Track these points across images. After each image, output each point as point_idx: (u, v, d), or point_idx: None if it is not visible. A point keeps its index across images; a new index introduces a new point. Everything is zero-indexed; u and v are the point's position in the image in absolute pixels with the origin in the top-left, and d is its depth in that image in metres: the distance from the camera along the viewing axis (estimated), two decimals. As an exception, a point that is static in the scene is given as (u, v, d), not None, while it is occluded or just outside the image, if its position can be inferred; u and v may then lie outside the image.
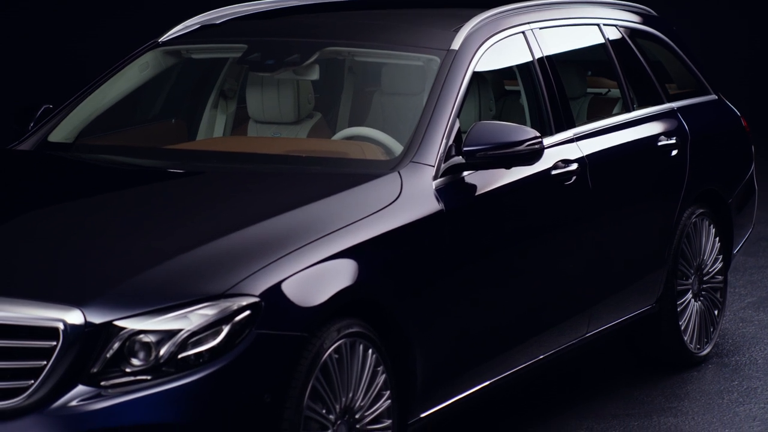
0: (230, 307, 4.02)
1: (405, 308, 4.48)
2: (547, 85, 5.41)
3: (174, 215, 4.45)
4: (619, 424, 5.42)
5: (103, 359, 3.95)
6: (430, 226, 4.66)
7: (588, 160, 5.47)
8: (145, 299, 3.99)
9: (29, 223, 4.45)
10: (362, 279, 4.31)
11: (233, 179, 4.78)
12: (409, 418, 4.56)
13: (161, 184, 4.85)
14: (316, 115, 5.43)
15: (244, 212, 4.41)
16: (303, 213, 4.40)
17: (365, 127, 5.17)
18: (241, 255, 4.15)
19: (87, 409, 3.91)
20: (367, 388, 4.35)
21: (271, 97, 5.33)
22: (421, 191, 4.69)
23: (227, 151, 5.06)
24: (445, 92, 4.94)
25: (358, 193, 4.58)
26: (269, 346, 4.06)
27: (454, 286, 4.72)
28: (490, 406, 5.58)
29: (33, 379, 3.92)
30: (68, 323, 3.93)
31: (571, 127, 5.49)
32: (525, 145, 4.83)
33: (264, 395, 4.03)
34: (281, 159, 4.94)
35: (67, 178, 4.92)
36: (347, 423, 4.30)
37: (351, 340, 4.28)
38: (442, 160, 4.79)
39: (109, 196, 4.68)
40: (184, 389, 3.94)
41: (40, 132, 5.23)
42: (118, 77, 5.46)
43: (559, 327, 5.33)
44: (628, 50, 6.09)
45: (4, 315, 3.95)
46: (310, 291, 4.17)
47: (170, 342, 3.97)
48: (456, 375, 4.79)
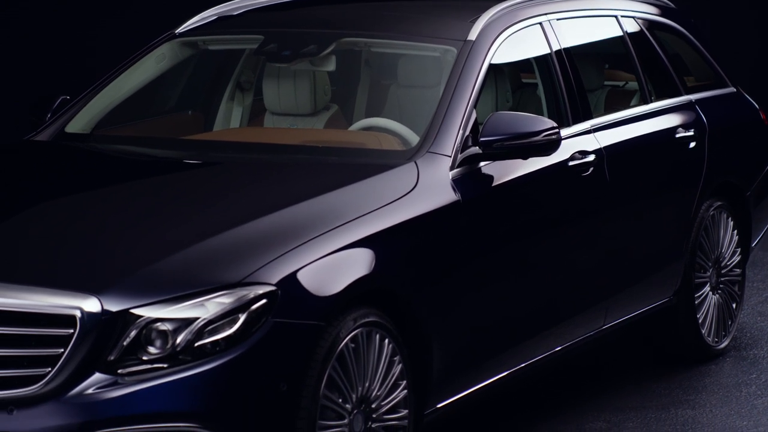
0: (247, 296, 4.04)
1: (421, 298, 4.50)
2: (564, 76, 5.42)
3: (190, 205, 4.48)
4: (637, 416, 5.43)
5: (120, 347, 3.98)
6: (447, 216, 4.68)
7: (605, 151, 5.48)
8: (161, 287, 4.02)
9: (47, 212, 4.49)
10: (378, 268, 4.33)
11: (250, 169, 4.80)
12: (425, 408, 4.58)
13: (178, 174, 4.88)
14: (332, 107, 5.45)
15: (260, 201, 4.44)
16: (319, 202, 4.42)
17: (382, 117, 5.19)
18: (257, 244, 4.17)
19: (104, 396, 3.94)
20: (383, 377, 4.37)
21: (287, 88, 5.35)
22: (438, 181, 4.71)
23: (243, 142, 5.08)
24: (461, 83, 4.96)
25: (375, 183, 4.60)
26: (286, 335, 4.08)
27: (471, 276, 4.73)
28: (506, 397, 5.60)
29: (50, 367, 3.95)
30: (85, 311, 3.96)
31: (588, 119, 5.50)
32: (542, 136, 4.85)
33: (280, 384, 4.05)
34: (298, 149, 4.96)
35: (84, 168, 4.95)
36: (363, 412, 4.32)
37: (367, 329, 4.30)
38: (459, 150, 4.81)
39: (126, 187, 4.71)
40: (200, 377, 3.97)
41: (57, 123, 5.26)
42: (134, 68, 5.49)
43: (576, 319, 5.34)
44: (645, 42, 6.09)
45: (21, 303, 3.98)
46: (327, 280, 4.19)
47: (187, 330, 3.99)
48: (472, 366, 4.80)
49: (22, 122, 7.19)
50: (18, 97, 7.76)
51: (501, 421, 5.40)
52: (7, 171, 4.92)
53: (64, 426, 3.92)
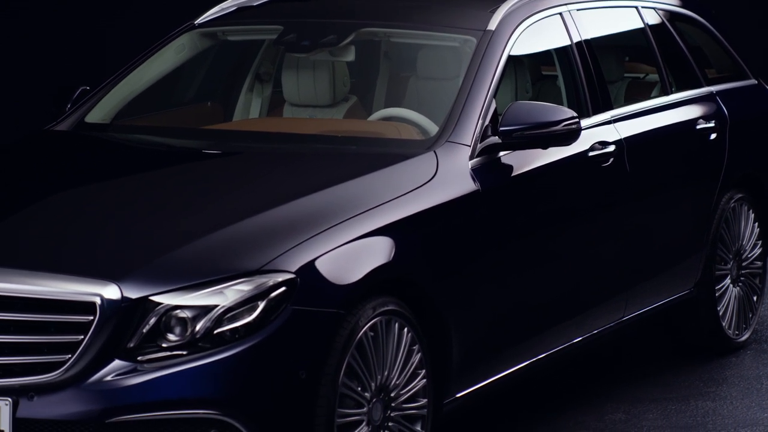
0: (266, 283, 4.06)
1: (440, 287, 4.51)
2: (584, 66, 5.43)
3: (210, 193, 4.50)
4: (657, 407, 5.43)
5: (139, 334, 4.00)
6: (466, 205, 4.69)
7: (626, 142, 5.48)
8: (181, 275, 4.04)
9: (67, 201, 4.52)
10: (398, 257, 4.35)
11: (269, 159, 4.82)
12: (444, 397, 4.59)
13: (197, 163, 4.90)
14: (351, 98, 5.46)
15: (280, 190, 4.45)
16: (338, 191, 4.44)
17: (401, 108, 5.20)
18: (276, 232, 4.19)
19: (123, 383, 3.97)
20: (402, 366, 4.38)
21: (306, 79, 5.36)
22: (457, 171, 4.72)
23: (262, 131, 5.10)
24: (481, 73, 4.97)
25: (394, 172, 4.61)
26: (305, 323, 4.09)
27: (490, 266, 4.74)
28: (526, 388, 5.61)
29: (70, 354, 3.98)
30: (105, 298, 3.99)
31: (608, 109, 5.50)
32: (562, 125, 4.85)
33: (299, 371, 4.07)
34: (317, 139, 4.98)
35: (104, 157, 4.98)
36: (383, 401, 4.34)
37: (386, 318, 4.32)
38: (478, 140, 4.82)
39: (145, 176, 4.74)
40: (219, 365, 3.99)
41: (78, 113, 5.29)
42: (154, 59, 5.51)
43: (596, 310, 5.35)
44: (666, 33, 6.09)
45: (42, 290, 4.00)
46: (346, 268, 4.20)
47: (206, 317, 4.01)
48: (492, 355, 4.81)
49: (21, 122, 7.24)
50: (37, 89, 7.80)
51: (520, 412, 5.41)
52: (28, 160, 4.95)
53: (84, 412, 3.94)
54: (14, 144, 5.19)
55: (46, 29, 9.28)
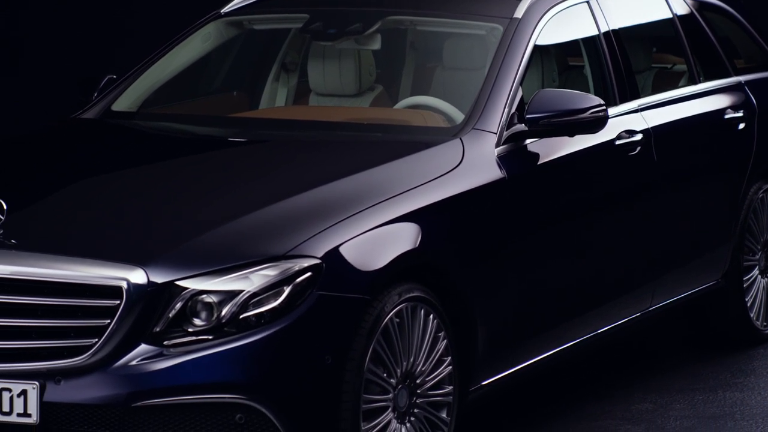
0: (291, 268, 4.09)
1: (466, 274, 4.53)
2: (612, 55, 5.44)
3: (235, 180, 4.53)
4: (684, 398, 5.44)
5: (165, 319, 4.04)
6: (492, 193, 4.71)
7: (653, 131, 5.49)
8: (206, 259, 4.07)
9: (93, 187, 4.56)
10: (423, 244, 4.37)
11: (294, 146, 4.85)
12: (470, 385, 4.61)
13: (223, 150, 4.94)
14: (377, 88, 5.48)
15: (305, 176, 4.48)
16: (365, 177, 4.46)
17: (427, 96, 5.22)
18: (302, 217, 4.22)
19: (149, 368, 4.00)
20: (428, 353, 4.40)
21: (332, 68, 5.39)
22: (483, 158, 4.74)
23: (288, 119, 5.13)
24: (507, 60, 4.98)
25: (420, 158, 4.63)
26: (330, 308, 4.12)
27: (516, 254, 4.76)
28: (552, 377, 5.62)
29: (96, 338, 4.02)
30: (131, 282, 4.02)
31: (635, 98, 5.51)
32: (589, 113, 4.86)
33: (325, 357, 4.10)
34: (343, 126, 5.01)
35: (131, 144, 5.02)
36: (408, 388, 4.36)
37: (412, 304, 4.34)
38: (505, 127, 4.83)
39: (171, 163, 4.77)
40: (245, 349, 4.02)
41: (104, 101, 5.33)
42: (180, 48, 5.55)
43: (622, 299, 5.36)
44: (694, 23, 6.09)
45: (69, 274, 4.04)
46: (372, 254, 4.23)
47: (232, 302, 4.04)
48: (517, 344, 4.83)
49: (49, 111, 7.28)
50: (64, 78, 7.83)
51: (546, 401, 5.42)
52: (56, 147, 4.99)
53: (110, 396, 3.99)
54: (42, 131, 5.24)
55: (73, 18, 9.32)
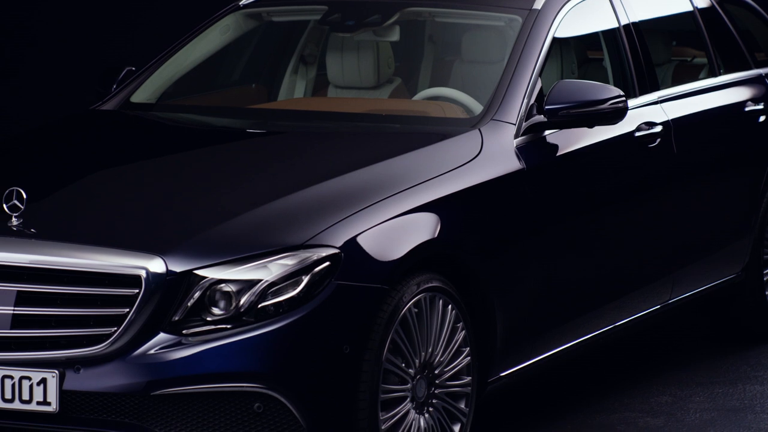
0: (310, 258, 4.11)
1: (485, 265, 4.55)
2: (631, 46, 5.44)
3: (254, 170, 4.56)
4: (704, 391, 5.44)
5: (184, 308, 4.07)
6: (511, 184, 4.72)
7: (673, 123, 5.49)
8: (225, 249, 4.10)
9: (112, 177, 4.59)
10: (442, 234, 4.39)
11: (313, 137, 4.88)
12: (488, 376, 4.63)
13: (241, 142, 4.96)
14: (395, 80, 5.50)
15: (324, 167, 4.51)
16: (383, 167, 4.48)
17: (446, 87, 5.24)
18: (321, 207, 4.24)
19: (168, 356, 4.03)
20: (446, 343, 4.42)
21: (351, 60, 5.41)
22: (502, 149, 4.75)
23: (306, 110, 5.15)
24: (527, 51, 5.00)
25: (439, 149, 4.65)
26: (349, 297, 4.14)
27: (535, 245, 4.77)
28: (570, 369, 5.63)
29: (116, 327, 4.05)
30: (150, 271, 4.05)
31: (655, 90, 5.51)
32: (608, 104, 4.87)
33: (343, 346, 4.12)
34: (361, 117, 5.03)
35: (149, 135, 5.05)
36: (426, 378, 4.38)
37: (430, 294, 4.36)
38: (524, 118, 4.85)
39: (189, 153, 4.80)
40: (264, 338, 4.04)
41: (123, 93, 5.36)
42: (199, 40, 5.57)
43: (641, 292, 5.37)
44: (715, 15, 6.09)
45: (88, 263, 4.08)
46: (390, 243, 4.25)
47: (250, 291, 4.07)
48: (536, 335, 4.84)
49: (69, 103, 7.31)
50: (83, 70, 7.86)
51: (566, 394, 5.43)
52: (74, 137, 5.03)
53: (129, 385, 4.02)
54: (60, 122, 5.28)
55: (92, 10, 9.36)
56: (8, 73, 9.02)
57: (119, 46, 9.00)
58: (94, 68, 5.63)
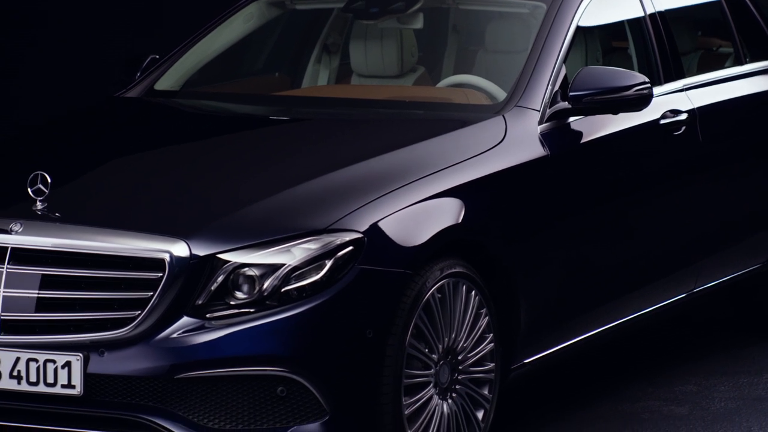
0: (333, 242, 4.14)
1: (509, 251, 4.57)
2: (657, 34, 5.46)
3: (277, 155, 4.59)
4: (728, 380, 5.45)
5: (207, 291, 4.10)
6: (535, 170, 4.74)
7: (698, 111, 5.50)
8: (248, 233, 4.13)
9: (136, 162, 4.63)
10: (466, 219, 4.41)
11: (337, 123, 4.91)
12: (512, 362, 4.65)
13: (265, 128, 5.00)
14: (419, 69, 5.53)
15: (348, 152, 4.54)
16: (407, 153, 4.51)
17: (469, 75, 5.26)
18: (344, 191, 4.27)
19: (192, 340, 4.07)
20: (469, 329, 4.44)
21: (374, 48, 5.44)
22: (526, 135, 4.77)
23: (330, 97, 5.18)
24: (551, 37, 5.02)
25: (462, 135, 4.68)
26: (372, 282, 4.17)
27: (558, 232, 4.79)
28: (594, 359, 5.65)
29: (140, 310, 4.08)
30: (174, 255, 4.09)
31: (680, 78, 5.52)
32: (633, 91, 4.89)
33: (366, 331, 4.15)
34: (385, 104, 5.05)
35: (173, 121, 5.10)
36: (450, 364, 4.40)
37: (454, 280, 4.38)
38: (548, 105, 4.87)
39: (213, 139, 4.84)
40: (287, 322, 4.07)
41: (147, 81, 5.40)
42: (222, 28, 5.61)
43: (666, 280, 5.38)
44: (740, 3, 6.09)
45: (112, 246, 4.11)
46: (414, 228, 4.27)
47: (273, 276, 4.10)
48: (560, 323, 4.86)
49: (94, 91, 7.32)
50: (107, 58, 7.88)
51: (589, 382, 5.45)
52: (98, 124, 5.07)
53: (153, 368, 4.05)
54: (85, 109, 5.32)
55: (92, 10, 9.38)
56: (8, 73, 9.05)
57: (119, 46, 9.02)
58: (94, 68, 5.66)
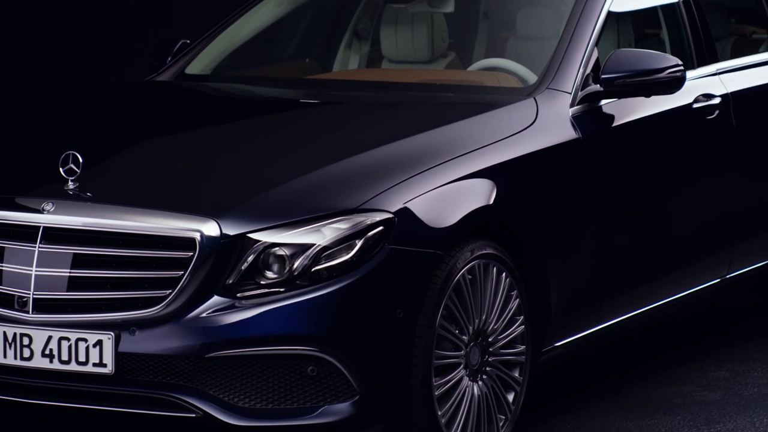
0: (364, 222, 4.17)
1: (539, 233, 4.59)
2: (690, 18, 5.46)
3: (307, 137, 4.63)
4: (762, 366, 5.46)
5: (238, 271, 4.14)
6: (566, 153, 4.76)
7: (732, 96, 5.51)
8: (279, 212, 4.17)
9: (167, 143, 4.68)
10: (497, 201, 4.44)
11: (367, 106, 4.94)
12: (543, 345, 4.67)
13: (296, 111, 5.04)
14: (450, 54, 5.55)
15: (378, 133, 4.57)
16: (438, 134, 4.54)
17: (501, 58, 5.29)
18: (375, 172, 4.30)
19: (222, 319, 4.11)
20: (500, 311, 4.47)
21: (405, 33, 5.46)
22: (557, 118, 4.79)
23: (360, 80, 5.21)
24: (583, 19, 5.03)
25: (494, 117, 4.70)
26: (402, 262, 4.20)
27: (590, 216, 4.81)
28: (625, 344, 5.66)
29: (170, 289, 4.13)
30: (205, 234, 4.13)
31: (714, 62, 5.53)
32: (666, 73, 4.90)
33: (397, 311, 4.18)
34: (415, 87, 5.08)
35: (204, 104, 5.14)
36: (480, 346, 4.43)
37: (484, 261, 4.41)
38: (579, 87, 4.88)
39: (244, 122, 4.88)
40: (317, 302, 4.11)
41: (178, 65, 5.45)
42: (253, 13, 5.65)
43: (698, 266, 5.38)
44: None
45: (143, 225, 4.16)
46: (445, 209, 4.30)
47: (304, 255, 4.13)
48: (591, 307, 4.88)
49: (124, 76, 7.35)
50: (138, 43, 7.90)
51: (620, 368, 5.46)
52: (129, 106, 5.12)
53: (184, 347, 4.10)
54: (115, 92, 5.37)
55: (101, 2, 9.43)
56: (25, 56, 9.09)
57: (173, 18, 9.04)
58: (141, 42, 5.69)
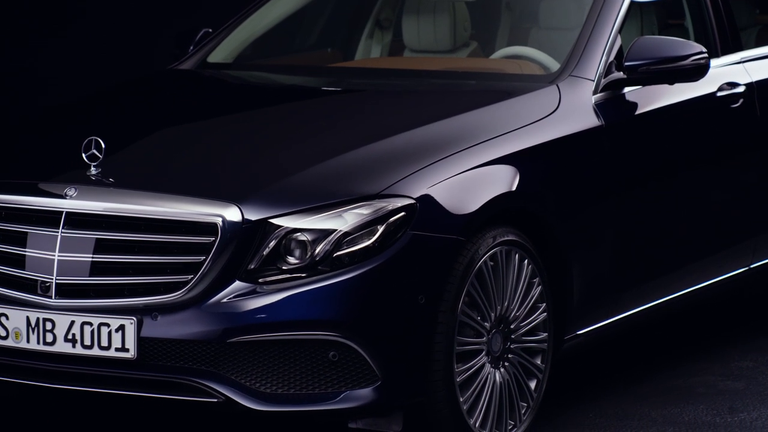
0: (385, 207, 4.19)
1: (561, 220, 4.60)
2: (714, 7, 5.46)
3: (330, 123, 4.65)
4: (786, 357, 5.47)
5: (259, 256, 4.16)
6: (589, 140, 4.77)
7: (756, 85, 5.50)
8: (301, 198, 4.19)
9: (189, 129, 4.71)
10: (519, 187, 4.45)
11: (390, 93, 4.96)
12: (565, 333, 4.68)
13: (318, 99, 5.06)
14: (472, 44, 5.57)
15: (400, 120, 4.59)
16: (460, 120, 4.56)
17: (523, 47, 5.30)
18: (397, 158, 4.32)
19: (244, 305, 4.13)
20: (522, 298, 4.48)
21: (427, 22, 5.48)
22: (580, 105, 4.80)
23: (382, 68, 5.23)
24: (606, 9, 5.04)
25: (516, 103, 4.72)
26: (424, 248, 4.22)
27: (612, 203, 4.82)
28: (648, 334, 5.67)
29: (192, 274, 4.15)
30: (226, 219, 4.15)
31: (738, 51, 5.53)
32: (689, 60, 4.90)
33: (419, 296, 4.19)
34: (437, 74, 5.10)
35: (226, 92, 5.17)
36: (502, 332, 4.44)
37: (507, 248, 4.42)
38: (602, 74, 4.89)
39: (266, 109, 4.91)
40: (339, 287, 4.13)
41: (200, 54, 5.48)
42: (276, 1, 5.67)
43: (721, 256, 5.38)
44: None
45: (165, 211, 4.19)
46: (467, 195, 4.32)
47: (325, 241, 4.16)
48: (614, 294, 4.89)
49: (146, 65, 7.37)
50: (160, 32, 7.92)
51: (643, 357, 5.47)
52: (151, 93, 5.16)
53: (206, 332, 4.12)
54: (138, 79, 5.41)
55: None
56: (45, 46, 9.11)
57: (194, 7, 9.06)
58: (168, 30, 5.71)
